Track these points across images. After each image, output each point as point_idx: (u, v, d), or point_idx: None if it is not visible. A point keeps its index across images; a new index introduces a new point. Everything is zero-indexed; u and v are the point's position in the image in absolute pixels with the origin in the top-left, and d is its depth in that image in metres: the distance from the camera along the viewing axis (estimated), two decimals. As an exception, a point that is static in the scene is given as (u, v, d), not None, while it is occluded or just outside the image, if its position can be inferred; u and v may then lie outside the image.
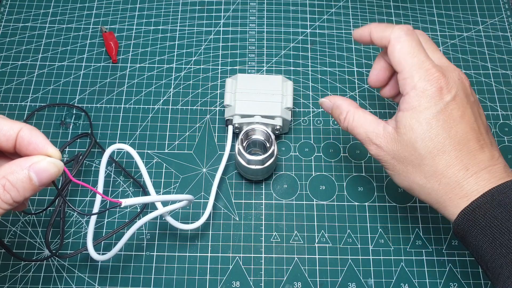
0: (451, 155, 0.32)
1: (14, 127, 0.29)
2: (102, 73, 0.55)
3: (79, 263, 0.44)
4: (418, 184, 0.34)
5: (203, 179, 0.49)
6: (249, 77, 0.50)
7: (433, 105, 0.32)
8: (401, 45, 0.34)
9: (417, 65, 0.33)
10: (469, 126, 0.32)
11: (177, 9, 0.60)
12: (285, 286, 0.44)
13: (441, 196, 0.33)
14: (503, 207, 0.30)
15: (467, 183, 0.32)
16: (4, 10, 0.59)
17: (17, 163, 0.28)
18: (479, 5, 0.60)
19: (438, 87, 0.32)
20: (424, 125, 0.32)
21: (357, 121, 0.36)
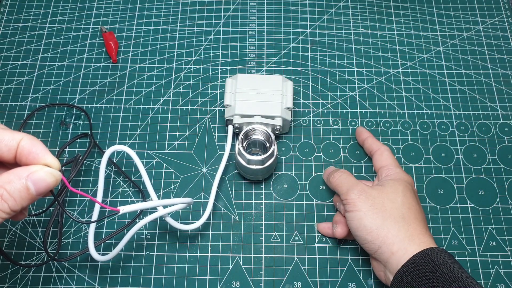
0: (420, 215, 0.41)
1: (15, 137, 0.29)
2: (102, 73, 0.55)
3: (79, 263, 0.44)
4: (387, 226, 0.40)
5: (203, 179, 0.49)
6: (249, 77, 0.50)
7: (409, 184, 0.43)
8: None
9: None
10: (421, 209, 0.42)
11: (177, 9, 0.60)
12: (285, 286, 0.44)
13: (408, 236, 0.39)
14: (433, 265, 0.36)
15: (417, 238, 0.39)
16: (4, 10, 0.59)
17: (15, 172, 0.28)
18: (479, 5, 0.60)
19: (409, 177, 0.44)
20: (407, 188, 0.42)
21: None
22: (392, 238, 0.39)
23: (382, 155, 0.46)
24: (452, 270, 0.36)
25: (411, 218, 0.40)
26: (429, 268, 0.36)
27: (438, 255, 0.37)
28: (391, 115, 0.52)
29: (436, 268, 0.36)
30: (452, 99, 0.54)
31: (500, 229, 0.47)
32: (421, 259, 0.37)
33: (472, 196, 0.48)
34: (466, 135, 0.51)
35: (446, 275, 0.35)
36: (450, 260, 0.37)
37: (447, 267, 0.36)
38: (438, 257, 0.37)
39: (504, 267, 0.45)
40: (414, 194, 0.43)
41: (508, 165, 0.50)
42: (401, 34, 0.58)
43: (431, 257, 0.37)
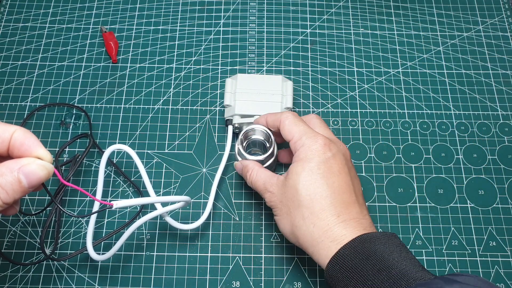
0: (327, 201, 0.36)
1: (8, 129, 0.30)
2: (102, 73, 0.55)
3: (79, 263, 0.44)
4: (297, 226, 0.37)
5: (203, 179, 0.49)
6: (249, 77, 0.50)
7: (316, 157, 0.37)
8: (288, 120, 0.41)
9: (303, 131, 0.39)
10: (345, 181, 0.37)
11: (177, 9, 0.60)
12: (285, 286, 0.44)
13: (315, 239, 0.36)
14: (363, 256, 0.33)
15: (337, 228, 0.35)
16: (4, 10, 0.59)
17: (7, 165, 0.28)
18: (479, 5, 0.60)
19: (322, 144, 0.38)
20: (306, 172, 0.37)
21: (258, 176, 0.41)
22: (306, 242, 0.36)
23: (284, 128, 0.41)
24: (383, 259, 0.33)
25: (318, 209, 0.36)
26: (358, 259, 0.33)
27: (368, 243, 0.34)
28: (391, 115, 0.52)
29: (367, 259, 0.33)
30: (452, 99, 0.54)
31: (500, 229, 0.47)
32: (350, 250, 0.34)
33: (472, 196, 0.48)
34: (466, 135, 0.51)
35: (377, 265, 0.32)
36: (383, 245, 0.34)
37: (378, 255, 0.33)
38: (367, 245, 0.34)
39: (504, 267, 0.45)
40: (323, 170, 0.37)
41: (508, 165, 0.50)
42: (401, 34, 0.58)
43: (360, 246, 0.34)
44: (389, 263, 0.32)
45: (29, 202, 0.47)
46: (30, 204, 0.47)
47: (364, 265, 0.33)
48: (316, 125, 0.42)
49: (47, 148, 0.31)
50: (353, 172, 0.40)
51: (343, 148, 0.40)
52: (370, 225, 0.37)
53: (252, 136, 0.47)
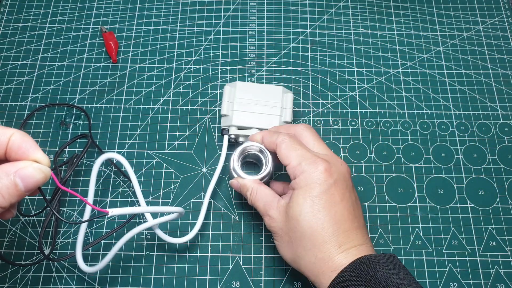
0: (328, 232, 0.36)
1: (5, 132, 0.29)
2: (102, 73, 0.55)
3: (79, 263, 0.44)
4: (298, 256, 0.37)
5: (203, 179, 0.49)
6: (249, 85, 0.48)
7: (318, 186, 0.37)
8: (285, 144, 0.39)
9: (302, 156, 0.38)
10: (346, 209, 0.37)
11: (177, 9, 0.60)
12: (285, 286, 0.44)
13: (316, 270, 0.36)
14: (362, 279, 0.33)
15: (338, 257, 0.35)
16: (4, 10, 0.59)
17: (3, 168, 0.28)
18: (479, 5, 0.60)
19: (323, 171, 0.37)
20: (308, 202, 0.36)
21: (259, 196, 0.41)
22: (308, 272, 0.37)
23: (280, 153, 0.40)
24: (382, 281, 0.33)
25: (320, 241, 0.36)
26: (359, 283, 0.33)
27: (368, 266, 0.34)
28: (391, 115, 0.52)
29: (366, 282, 0.33)
30: (452, 99, 0.54)
31: (500, 229, 0.47)
32: (350, 274, 0.34)
33: (472, 196, 0.48)
34: (466, 135, 0.51)
35: None
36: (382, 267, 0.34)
37: (377, 278, 0.33)
38: (367, 268, 0.34)
39: (504, 267, 0.45)
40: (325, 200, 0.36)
41: (508, 165, 0.50)
42: (401, 34, 0.58)
43: (360, 269, 0.34)
44: (388, 285, 0.33)
45: (29, 202, 0.47)
46: (30, 204, 0.47)
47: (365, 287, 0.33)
48: (309, 139, 0.41)
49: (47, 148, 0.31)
50: (354, 193, 0.39)
51: (344, 168, 0.39)
52: (370, 250, 0.36)
53: (248, 153, 0.45)
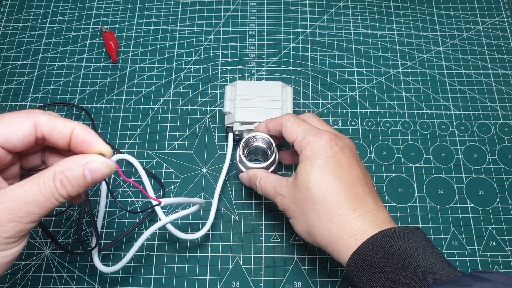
0: (341, 195, 0.35)
1: (68, 125, 0.31)
2: (102, 73, 0.55)
3: (79, 263, 0.44)
4: (313, 225, 0.36)
5: (203, 179, 0.49)
6: (248, 83, 0.49)
7: (324, 153, 0.37)
8: (290, 122, 0.40)
9: (307, 130, 0.39)
10: (356, 173, 0.37)
11: (177, 9, 0.60)
12: (285, 286, 0.44)
13: (333, 236, 0.35)
14: (386, 251, 0.32)
15: (355, 223, 0.34)
16: (4, 10, 0.59)
17: (74, 160, 0.30)
18: (479, 5, 0.60)
19: (328, 140, 0.37)
20: (316, 169, 0.36)
21: (268, 181, 0.41)
22: (324, 240, 0.35)
23: (286, 130, 0.40)
24: (408, 254, 0.32)
25: (333, 204, 0.35)
26: (381, 255, 0.32)
27: (391, 239, 0.33)
28: (391, 115, 0.53)
29: (390, 254, 0.32)
30: (452, 99, 0.54)
31: (500, 229, 0.47)
32: (373, 245, 0.33)
33: (472, 196, 0.48)
34: (466, 135, 0.51)
35: (401, 261, 0.31)
36: (407, 241, 0.33)
37: (402, 251, 0.32)
38: (391, 240, 0.33)
39: (504, 267, 0.45)
40: (332, 164, 0.36)
41: (508, 165, 0.50)
42: (401, 34, 0.58)
43: (383, 242, 0.33)
44: (413, 259, 0.31)
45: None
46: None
47: (388, 260, 0.32)
48: (315, 123, 0.42)
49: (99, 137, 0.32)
50: (362, 164, 0.39)
51: (349, 141, 0.39)
52: (387, 218, 0.36)
53: (253, 144, 0.46)
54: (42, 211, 0.28)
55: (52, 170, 0.29)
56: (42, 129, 0.31)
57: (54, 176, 0.29)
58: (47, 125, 0.31)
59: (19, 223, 0.28)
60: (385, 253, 0.32)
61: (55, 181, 0.29)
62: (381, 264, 0.32)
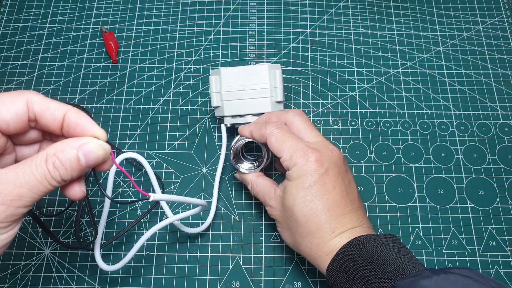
0: (322, 219, 0.37)
1: (61, 107, 0.30)
2: (102, 73, 0.55)
3: (79, 263, 0.44)
4: (297, 242, 0.38)
5: (203, 179, 0.49)
6: (233, 70, 0.46)
7: (309, 176, 0.37)
8: (274, 138, 0.39)
9: (292, 149, 0.38)
10: (339, 194, 0.37)
11: (177, 9, 0.60)
12: (285, 286, 0.44)
13: (313, 254, 0.37)
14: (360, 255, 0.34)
15: (332, 242, 0.36)
16: (4, 10, 0.59)
17: (67, 142, 0.29)
18: (479, 5, 0.60)
19: (313, 161, 0.37)
20: (301, 193, 0.37)
21: (258, 188, 0.42)
22: (306, 256, 0.38)
23: (271, 146, 0.40)
24: (380, 258, 0.34)
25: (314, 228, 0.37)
26: (356, 259, 0.34)
27: (365, 244, 0.35)
28: (391, 115, 0.53)
29: (364, 258, 0.34)
30: (452, 99, 0.54)
31: (500, 229, 0.47)
32: (348, 251, 0.35)
33: (472, 196, 0.48)
34: (466, 135, 0.51)
35: (373, 263, 0.33)
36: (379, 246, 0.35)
37: (375, 255, 0.34)
38: (364, 245, 0.35)
39: (504, 267, 0.45)
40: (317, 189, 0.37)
41: (508, 165, 0.50)
42: (401, 34, 0.58)
43: (357, 247, 0.35)
44: (385, 261, 0.33)
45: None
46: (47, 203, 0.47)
47: (361, 263, 0.34)
48: (300, 127, 0.41)
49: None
50: (347, 178, 0.39)
51: (335, 156, 0.39)
52: (364, 231, 0.37)
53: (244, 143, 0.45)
54: (34, 195, 0.28)
55: (45, 153, 0.28)
56: (34, 108, 0.30)
57: (46, 158, 0.28)
58: (39, 104, 0.30)
59: (10, 207, 0.27)
60: (359, 257, 0.34)
61: (47, 164, 0.28)
62: (356, 267, 0.34)
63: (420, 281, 0.30)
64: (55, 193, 0.48)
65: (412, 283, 0.30)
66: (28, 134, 0.32)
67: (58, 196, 0.48)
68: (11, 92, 0.30)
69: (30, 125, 0.31)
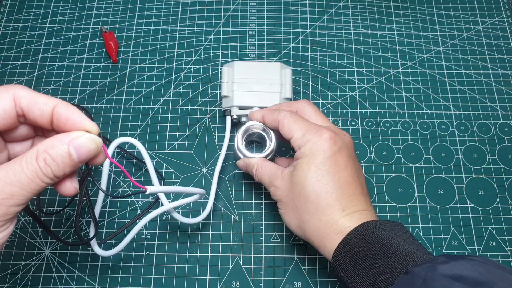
0: (333, 196, 0.36)
1: (50, 102, 0.30)
2: (102, 73, 0.55)
3: (79, 263, 0.45)
4: (303, 220, 0.37)
5: (203, 179, 0.49)
6: (246, 64, 0.48)
7: (322, 152, 0.37)
8: (287, 119, 0.40)
9: (305, 127, 0.39)
10: (350, 175, 0.37)
11: (177, 9, 0.60)
12: (285, 286, 0.44)
13: (321, 233, 0.36)
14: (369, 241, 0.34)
15: (342, 221, 0.36)
16: (4, 10, 0.59)
17: (58, 138, 0.28)
18: (479, 5, 0.60)
19: (327, 138, 0.37)
20: (313, 168, 0.37)
21: (264, 170, 0.41)
22: (312, 236, 0.37)
23: (283, 128, 0.40)
24: (389, 243, 0.33)
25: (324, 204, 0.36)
26: (365, 245, 0.33)
27: (374, 229, 0.34)
28: (391, 115, 0.53)
29: (373, 243, 0.33)
30: (452, 99, 0.54)
31: (500, 229, 0.47)
32: (356, 236, 0.34)
33: (472, 196, 0.48)
34: (466, 135, 0.51)
35: (382, 249, 0.33)
36: (388, 232, 0.34)
37: (384, 240, 0.33)
38: (373, 231, 0.34)
39: (504, 267, 0.45)
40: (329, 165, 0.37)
41: (508, 165, 0.50)
42: (401, 34, 0.58)
43: (365, 232, 0.34)
44: (395, 247, 0.33)
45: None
46: (48, 203, 0.47)
47: (370, 249, 0.33)
48: (312, 114, 0.42)
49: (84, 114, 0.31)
50: (357, 163, 0.40)
51: (347, 138, 0.39)
52: (374, 216, 0.37)
53: (251, 132, 0.46)
54: (26, 193, 0.27)
55: (35, 150, 0.28)
56: (21, 103, 0.29)
57: (37, 155, 0.27)
58: (26, 99, 0.29)
59: (1, 206, 0.26)
60: (368, 242, 0.33)
61: (38, 160, 0.27)
62: (365, 253, 0.33)
63: (437, 266, 0.29)
64: (55, 192, 0.48)
65: (429, 268, 0.29)
66: (18, 130, 0.31)
67: (58, 197, 0.48)
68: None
69: (19, 121, 0.30)
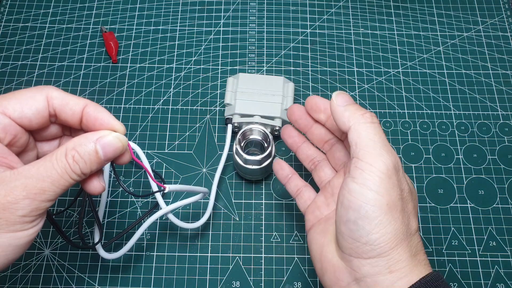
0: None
1: (80, 102, 0.31)
2: (102, 73, 0.55)
3: (79, 263, 0.44)
4: None
5: (203, 179, 0.49)
6: (251, 77, 0.50)
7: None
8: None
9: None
10: None
11: (177, 9, 0.60)
12: (285, 286, 0.44)
13: None
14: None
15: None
16: (4, 10, 0.59)
17: (86, 136, 0.30)
18: (479, 5, 0.60)
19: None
20: None
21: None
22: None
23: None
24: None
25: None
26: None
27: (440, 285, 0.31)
28: (391, 115, 0.52)
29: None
30: (452, 99, 0.54)
31: (500, 229, 0.47)
32: None
33: (472, 196, 0.48)
34: (466, 135, 0.51)
35: None
36: None
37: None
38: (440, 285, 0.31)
39: (504, 267, 0.45)
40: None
41: (508, 165, 0.50)
42: (401, 34, 0.58)
43: None
44: None
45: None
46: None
47: None
48: None
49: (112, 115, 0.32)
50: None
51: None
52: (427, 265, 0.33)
53: (250, 136, 0.47)
54: (56, 189, 0.28)
55: (64, 147, 0.29)
56: (54, 103, 0.31)
57: (66, 152, 0.29)
58: (59, 99, 0.31)
59: (34, 201, 0.27)
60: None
61: (67, 157, 0.29)
62: None
63: None
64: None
65: None
66: (48, 129, 0.33)
67: (58, 197, 0.47)
68: (31, 89, 0.31)
69: (51, 120, 0.32)
